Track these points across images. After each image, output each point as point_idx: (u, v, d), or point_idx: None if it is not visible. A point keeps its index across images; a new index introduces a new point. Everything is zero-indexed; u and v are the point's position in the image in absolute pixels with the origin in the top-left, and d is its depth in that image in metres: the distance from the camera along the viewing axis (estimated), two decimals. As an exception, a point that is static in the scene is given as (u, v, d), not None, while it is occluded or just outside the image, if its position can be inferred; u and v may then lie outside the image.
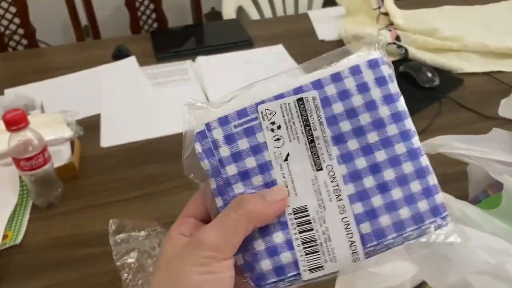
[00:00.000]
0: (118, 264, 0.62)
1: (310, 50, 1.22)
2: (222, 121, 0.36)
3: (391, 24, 1.24)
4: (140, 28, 1.77)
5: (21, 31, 1.61)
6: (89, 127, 0.92)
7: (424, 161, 0.35)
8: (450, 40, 1.15)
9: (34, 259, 0.67)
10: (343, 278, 0.38)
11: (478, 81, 1.05)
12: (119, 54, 1.21)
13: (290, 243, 0.34)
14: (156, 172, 0.83)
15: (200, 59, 1.19)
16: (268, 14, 1.74)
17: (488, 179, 0.60)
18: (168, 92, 1.07)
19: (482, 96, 1.00)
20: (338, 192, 0.35)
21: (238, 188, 0.35)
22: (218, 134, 0.35)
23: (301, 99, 0.35)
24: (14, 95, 0.97)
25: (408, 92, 1.02)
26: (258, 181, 0.35)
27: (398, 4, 1.29)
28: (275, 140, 0.35)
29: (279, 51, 1.22)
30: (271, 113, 0.36)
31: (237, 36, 1.30)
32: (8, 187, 0.79)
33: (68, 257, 0.67)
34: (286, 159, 0.35)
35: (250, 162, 0.35)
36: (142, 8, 1.76)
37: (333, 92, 0.35)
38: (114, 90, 1.09)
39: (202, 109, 0.36)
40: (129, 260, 0.62)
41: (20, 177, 0.79)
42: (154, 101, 1.04)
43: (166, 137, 0.91)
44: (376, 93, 0.35)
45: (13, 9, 1.58)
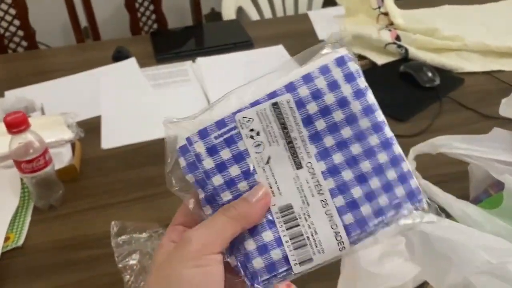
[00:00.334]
0: (120, 266, 0.62)
1: (310, 51, 1.22)
2: (202, 134, 0.37)
3: (391, 24, 1.24)
4: (140, 29, 1.77)
5: (21, 33, 1.61)
6: (90, 128, 0.93)
7: (397, 149, 0.37)
8: (450, 40, 1.15)
9: (36, 261, 0.68)
10: (345, 279, 0.38)
11: (478, 81, 1.05)
12: (119, 56, 1.21)
13: (279, 240, 0.36)
14: (157, 173, 0.83)
15: (200, 60, 1.19)
16: (268, 14, 1.74)
17: (489, 179, 0.60)
18: (168, 93, 1.07)
19: (483, 95, 1.00)
20: (319, 188, 0.36)
21: (226, 196, 0.36)
22: (199, 147, 0.37)
23: (276, 103, 0.37)
24: (14, 97, 0.97)
25: (409, 92, 1.02)
26: (244, 186, 0.37)
27: (398, 3, 1.29)
28: (256, 146, 0.37)
29: (279, 51, 1.22)
30: (248, 121, 0.37)
31: (237, 37, 1.30)
32: (10, 190, 0.79)
33: (70, 259, 0.67)
34: (268, 162, 0.37)
35: (234, 170, 0.37)
36: (141, 9, 1.76)
37: (306, 93, 0.37)
38: (114, 92, 1.09)
39: (181, 123, 0.37)
40: (131, 262, 0.62)
41: (21, 179, 0.79)
42: (155, 103, 1.05)
43: (166, 138, 0.91)
44: (347, 90, 0.37)
45: (12, 11, 1.58)
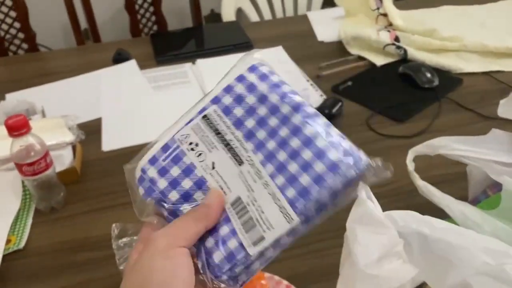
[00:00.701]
0: (121, 268, 0.62)
1: (309, 52, 1.23)
2: (152, 161, 0.43)
3: (390, 25, 1.24)
4: (140, 31, 1.77)
5: (21, 35, 1.62)
6: (90, 131, 0.93)
7: (321, 121, 0.40)
8: (449, 40, 1.15)
9: (37, 264, 0.68)
10: (343, 281, 0.39)
11: (477, 81, 1.06)
12: (119, 58, 1.21)
13: (234, 231, 0.39)
14: (158, 175, 0.83)
15: (200, 61, 1.19)
16: (267, 15, 1.75)
17: (488, 180, 0.61)
18: (168, 95, 1.07)
19: (482, 96, 1.00)
20: (259, 174, 0.39)
21: (185, 209, 0.40)
22: (152, 172, 0.42)
23: (206, 115, 0.42)
24: (15, 100, 0.98)
25: (408, 92, 1.03)
26: (199, 195, 0.41)
27: (397, 4, 1.29)
28: (198, 156, 0.41)
29: (278, 52, 1.22)
30: (186, 137, 0.42)
31: (236, 38, 1.30)
32: (11, 192, 0.79)
33: (71, 262, 0.68)
34: (213, 167, 0.41)
35: (187, 183, 0.41)
36: (141, 11, 1.76)
37: (230, 101, 0.42)
38: (114, 94, 1.09)
39: (138, 161, 0.43)
40: (132, 264, 0.62)
41: (23, 182, 0.80)
42: (155, 104, 1.05)
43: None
44: (263, 87, 0.41)
45: (13, 14, 1.58)
